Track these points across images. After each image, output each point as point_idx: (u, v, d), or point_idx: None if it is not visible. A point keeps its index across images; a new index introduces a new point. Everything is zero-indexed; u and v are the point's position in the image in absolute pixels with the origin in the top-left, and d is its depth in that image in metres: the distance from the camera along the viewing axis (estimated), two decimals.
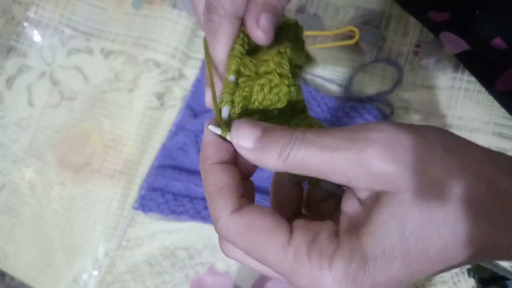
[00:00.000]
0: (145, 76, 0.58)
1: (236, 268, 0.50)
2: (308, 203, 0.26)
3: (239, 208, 0.21)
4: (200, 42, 0.59)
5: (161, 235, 0.53)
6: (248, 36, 0.25)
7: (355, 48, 0.53)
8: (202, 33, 0.59)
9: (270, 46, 0.25)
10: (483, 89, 0.48)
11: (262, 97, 0.24)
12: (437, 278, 0.47)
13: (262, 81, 0.24)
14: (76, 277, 0.55)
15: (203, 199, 0.51)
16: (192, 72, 0.58)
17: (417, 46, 0.52)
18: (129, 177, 0.56)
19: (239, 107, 0.24)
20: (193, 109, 0.56)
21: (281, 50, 0.24)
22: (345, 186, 0.22)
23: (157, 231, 0.53)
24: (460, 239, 0.19)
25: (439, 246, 0.19)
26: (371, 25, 0.53)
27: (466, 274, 0.46)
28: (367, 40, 0.53)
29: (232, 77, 0.24)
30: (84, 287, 0.54)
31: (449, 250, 0.19)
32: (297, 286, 0.20)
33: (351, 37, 0.53)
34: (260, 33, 0.24)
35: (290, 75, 0.24)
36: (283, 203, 0.25)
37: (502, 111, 0.47)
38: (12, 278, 0.57)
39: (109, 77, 0.60)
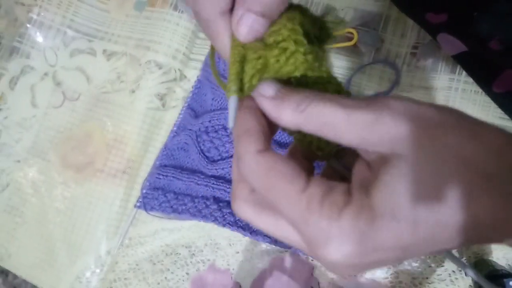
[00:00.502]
0: (147, 77, 0.59)
1: (237, 266, 0.51)
2: None
3: (264, 149, 0.22)
4: (201, 44, 0.60)
5: (163, 234, 0.54)
6: None
7: (354, 50, 0.54)
8: (203, 35, 0.60)
9: (277, 19, 0.24)
10: (480, 90, 0.49)
11: (278, 68, 0.23)
12: (435, 276, 0.47)
13: (275, 51, 0.22)
14: (79, 275, 0.55)
15: (204, 197, 0.52)
16: (193, 73, 0.59)
17: (415, 47, 0.52)
18: (131, 176, 0.57)
19: (254, 81, 0.23)
20: (194, 110, 0.56)
21: (290, 16, 0.23)
22: (354, 149, 0.22)
23: (158, 230, 0.54)
24: (471, 209, 0.18)
25: (450, 213, 0.18)
26: (370, 27, 0.54)
27: (463, 272, 0.47)
28: (365, 42, 0.53)
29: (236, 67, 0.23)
30: (87, 285, 0.55)
31: (458, 218, 0.18)
32: (305, 233, 0.20)
33: (349, 38, 0.54)
34: (240, 37, 0.23)
35: (305, 41, 0.22)
36: None
37: (499, 111, 0.48)
38: (15, 277, 0.58)
39: (112, 78, 0.60)
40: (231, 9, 0.24)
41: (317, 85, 0.24)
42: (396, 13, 0.54)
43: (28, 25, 0.64)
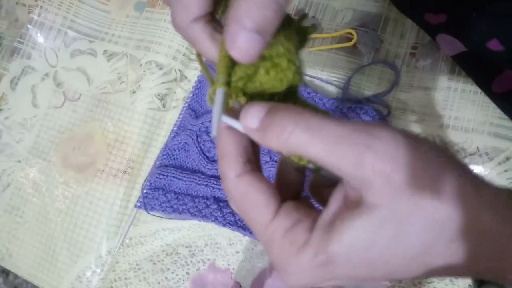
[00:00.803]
0: (147, 77, 0.59)
1: (237, 265, 0.51)
2: (312, 189, 0.26)
3: (242, 173, 0.23)
4: None
5: (163, 233, 0.54)
6: None
7: (353, 50, 0.54)
8: None
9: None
10: (479, 90, 0.49)
11: (266, 80, 0.23)
12: None
13: (268, 64, 0.23)
14: (80, 275, 0.55)
15: (204, 197, 0.52)
16: (193, 74, 0.59)
17: (414, 48, 0.52)
18: (132, 176, 0.57)
19: (240, 84, 0.23)
20: (194, 110, 0.56)
21: (288, 35, 0.23)
22: None
23: (159, 229, 0.54)
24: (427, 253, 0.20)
25: (407, 255, 0.20)
26: (369, 27, 0.54)
27: None
28: (365, 42, 0.54)
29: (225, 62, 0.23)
30: (87, 284, 0.55)
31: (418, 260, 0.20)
32: (270, 257, 0.23)
33: (349, 39, 0.54)
34: (238, 56, 0.21)
35: (297, 63, 0.23)
36: (285, 185, 0.26)
37: (498, 111, 0.48)
38: (16, 276, 0.58)
39: (112, 78, 0.61)
40: (206, 14, 0.24)
41: (290, 99, 0.25)
42: (395, 14, 0.54)
43: (29, 26, 0.64)
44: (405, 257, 0.20)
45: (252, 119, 0.22)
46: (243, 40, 0.21)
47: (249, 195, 0.23)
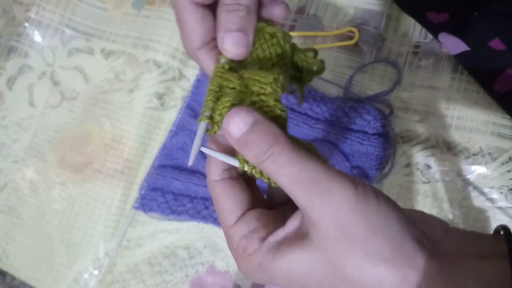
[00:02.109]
0: (145, 76, 0.59)
1: (236, 268, 0.50)
2: (269, 203, 0.30)
3: (218, 179, 0.27)
4: None
5: (162, 235, 0.53)
6: None
7: (355, 49, 0.53)
8: None
9: (261, 59, 0.27)
10: (482, 90, 0.48)
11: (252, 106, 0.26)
12: None
13: (255, 98, 0.25)
14: (77, 277, 0.55)
15: (203, 198, 0.51)
16: (192, 73, 0.58)
17: (416, 46, 0.52)
18: (130, 177, 0.56)
19: (225, 111, 0.25)
20: (193, 109, 0.56)
21: (275, 76, 0.25)
22: None
23: (157, 231, 0.54)
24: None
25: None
26: (371, 25, 0.54)
27: None
28: (367, 41, 0.53)
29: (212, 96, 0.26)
30: (85, 286, 0.54)
31: None
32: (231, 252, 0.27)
33: (350, 37, 0.54)
34: (229, 54, 0.27)
35: (280, 100, 0.26)
36: (276, 189, 0.29)
37: (501, 111, 0.47)
38: (13, 278, 0.57)
39: (110, 77, 0.60)
40: (209, 41, 0.28)
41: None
42: (397, 12, 0.53)
43: (26, 24, 0.64)
44: None
45: (235, 129, 0.24)
46: (230, 39, 0.26)
47: (219, 198, 0.27)
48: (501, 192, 0.46)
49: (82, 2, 0.63)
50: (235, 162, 0.26)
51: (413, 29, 0.52)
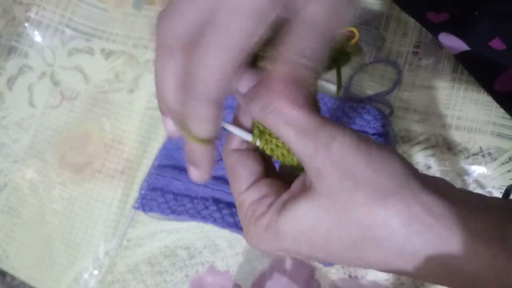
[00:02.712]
0: (145, 76, 0.59)
1: (236, 267, 0.51)
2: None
3: (236, 149, 0.28)
4: None
5: (162, 235, 0.53)
6: None
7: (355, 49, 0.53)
8: None
9: None
10: (482, 90, 0.48)
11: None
12: None
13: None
14: (77, 277, 0.55)
15: (203, 198, 0.51)
16: None
17: (417, 46, 0.52)
18: (130, 177, 0.56)
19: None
20: None
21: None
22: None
23: (157, 231, 0.54)
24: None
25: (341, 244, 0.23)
26: (371, 25, 0.54)
27: None
28: (367, 41, 0.53)
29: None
30: (85, 286, 0.54)
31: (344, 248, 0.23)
32: (239, 218, 0.27)
33: (350, 37, 0.54)
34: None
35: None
36: (285, 170, 0.29)
37: (501, 111, 0.47)
38: (13, 278, 0.57)
39: (110, 77, 0.60)
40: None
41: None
42: (397, 12, 0.53)
43: (26, 24, 0.64)
44: (340, 245, 0.23)
45: (243, 84, 0.25)
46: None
47: (235, 166, 0.27)
48: (501, 192, 0.46)
49: (82, 2, 0.63)
50: (248, 137, 0.27)
51: (413, 29, 0.52)
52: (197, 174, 0.27)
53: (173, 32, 0.24)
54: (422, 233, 0.22)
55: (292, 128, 0.23)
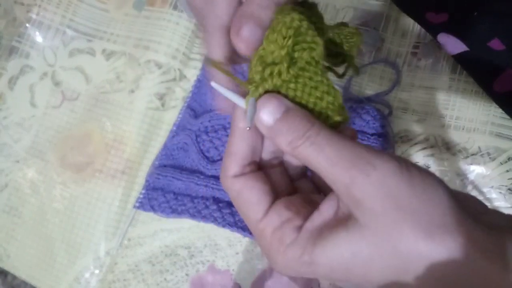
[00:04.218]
0: (146, 77, 0.59)
1: (236, 267, 0.51)
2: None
3: (239, 174, 0.25)
4: (201, 43, 0.60)
5: (162, 234, 0.54)
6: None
7: None
8: None
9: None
10: (481, 90, 0.49)
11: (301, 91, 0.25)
12: None
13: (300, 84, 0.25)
14: (78, 276, 0.55)
15: (204, 198, 0.51)
16: (193, 73, 0.58)
17: (415, 47, 0.52)
18: (131, 176, 0.56)
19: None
20: (194, 110, 0.56)
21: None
22: None
23: (158, 230, 0.54)
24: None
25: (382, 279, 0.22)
26: (370, 26, 0.54)
27: None
28: (366, 41, 0.53)
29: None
30: (86, 285, 0.55)
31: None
32: (261, 249, 0.26)
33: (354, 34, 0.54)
34: (241, 45, 0.25)
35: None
36: (291, 165, 0.28)
37: (500, 111, 0.48)
38: (14, 277, 0.58)
39: (111, 77, 0.60)
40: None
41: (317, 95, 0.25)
42: (396, 13, 0.54)
43: (27, 25, 0.64)
44: (381, 276, 0.22)
45: (268, 116, 0.24)
46: (246, 33, 0.24)
47: (242, 194, 0.25)
48: (500, 192, 0.46)
49: (83, 3, 0.64)
50: (242, 103, 0.24)
51: (412, 30, 0.53)
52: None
53: None
54: (467, 267, 0.21)
55: (325, 159, 0.22)
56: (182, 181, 0.52)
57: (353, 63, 0.29)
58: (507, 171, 0.46)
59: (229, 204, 0.50)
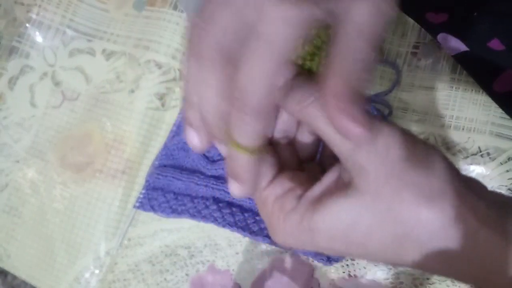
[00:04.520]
0: (146, 77, 0.59)
1: (237, 267, 0.51)
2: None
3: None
4: None
5: (162, 234, 0.54)
6: None
7: None
8: None
9: None
10: (481, 90, 0.49)
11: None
12: (436, 277, 0.47)
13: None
14: (78, 276, 0.55)
15: (204, 198, 0.51)
16: None
17: (415, 47, 0.52)
18: (131, 176, 0.56)
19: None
20: None
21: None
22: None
23: (158, 230, 0.54)
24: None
25: (378, 240, 0.22)
26: None
27: None
28: None
29: None
30: (86, 285, 0.55)
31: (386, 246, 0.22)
32: (262, 217, 0.26)
33: None
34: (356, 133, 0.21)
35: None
36: (301, 146, 0.28)
37: (500, 111, 0.48)
38: (14, 277, 0.58)
39: (111, 78, 0.60)
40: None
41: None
42: (396, 13, 0.54)
43: (27, 25, 0.64)
44: (380, 244, 0.22)
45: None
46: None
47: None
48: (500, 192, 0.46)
49: (83, 3, 0.64)
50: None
51: (412, 30, 0.53)
52: (238, 188, 0.23)
53: (213, 42, 0.21)
54: (467, 236, 0.21)
55: (329, 122, 0.21)
56: (182, 181, 0.52)
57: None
58: (507, 171, 0.46)
59: (229, 204, 0.50)
